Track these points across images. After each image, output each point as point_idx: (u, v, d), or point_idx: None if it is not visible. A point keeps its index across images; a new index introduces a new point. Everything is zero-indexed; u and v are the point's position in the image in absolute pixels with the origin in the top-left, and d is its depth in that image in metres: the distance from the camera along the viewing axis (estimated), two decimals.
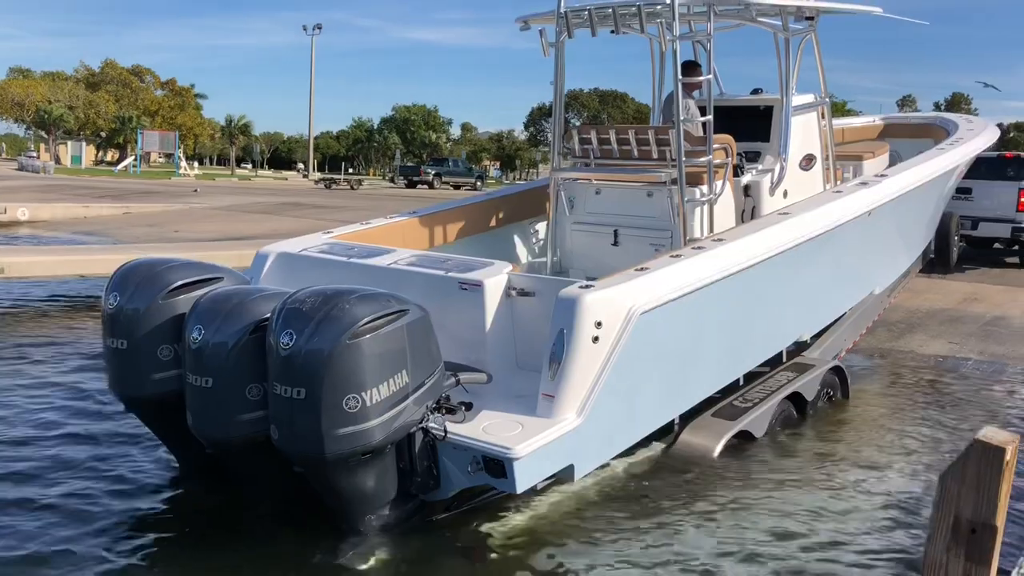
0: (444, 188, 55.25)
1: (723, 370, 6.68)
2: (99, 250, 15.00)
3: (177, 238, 20.14)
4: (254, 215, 26.73)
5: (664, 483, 6.06)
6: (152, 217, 25.91)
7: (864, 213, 7.79)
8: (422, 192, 49.07)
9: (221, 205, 29.85)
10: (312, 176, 68.90)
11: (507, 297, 5.91)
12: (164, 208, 28.25)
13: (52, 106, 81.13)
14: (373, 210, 26.66)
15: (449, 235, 8.15)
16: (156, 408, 5.52)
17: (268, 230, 21.63)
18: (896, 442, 7.30)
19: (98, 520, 5.28)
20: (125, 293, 5.41)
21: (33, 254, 14.17)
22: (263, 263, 6.78)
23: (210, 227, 23.05)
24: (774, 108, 8.37)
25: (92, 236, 21.12)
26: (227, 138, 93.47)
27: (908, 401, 8.59)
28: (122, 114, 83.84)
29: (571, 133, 8.13)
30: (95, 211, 26.69)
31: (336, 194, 42.07)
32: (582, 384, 5.23)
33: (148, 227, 23.18)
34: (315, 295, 4.71)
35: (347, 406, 4.55)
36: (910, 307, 12.40)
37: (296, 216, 26.13)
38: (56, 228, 23.36)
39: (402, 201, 33.60)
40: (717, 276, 6.10)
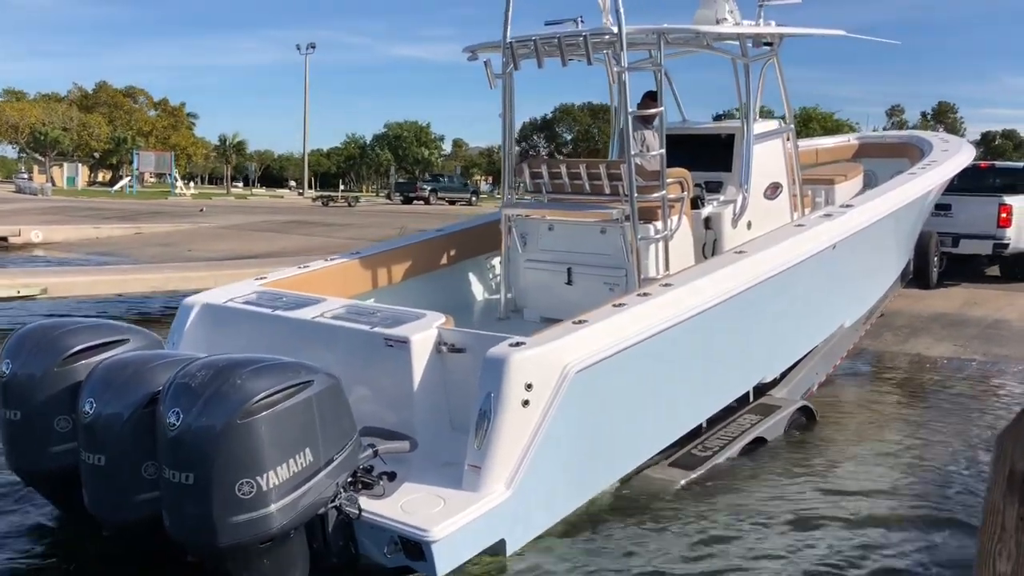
0: (440, 204, 55.20)
1: (675, 423, 6.27)
2: (133, 270, 15.50)
3: (193, 256, 20.15)
4: (264, 233, 26.60)
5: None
6: (163, 237, 25.92)
7: (827, 247, 7.40)
8: (418, 208, 48.95)
9: (229, 224, 29.79)
10: (308, 194, 68.64)
11: (438, 353, 5.52)
12: (174, 228, 28.25)
13: (47, 128, 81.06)
14: (378, 226, 27.19)
15: (395, 276, 7.76)
16: (56, 484, 5.11)
17: (280, 248, 21.72)
18: (917, 432, 7.71)
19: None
20: (19, 359, 5.02)
21: (72, 274, 14.34)
22: (187, 315, 6.40)
23: (223, 246, 23.03)
24: (735, 136, 8.00)
25: (108, 256, 21.18)
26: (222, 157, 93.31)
27: (921, 399, 8.98)
28: (116, 135, 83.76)
29: (522, 167, 7.76)
30: (107, 232, 26.80)
31: (335, 211, 41.86)
32: (511, 453, 4.84)
33: (162, 247, 23.20)
34: (206, 368, 4.31)
35: (240, 492, 4.14)
36: (912, 312, 12.62)
37: (305, 234, 26.04)
38: (70, 249, 23.39)
39: (400, 217, 33.63)
40: (664, 325, 5.70)
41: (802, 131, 62.70)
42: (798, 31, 8.17)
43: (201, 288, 7.66)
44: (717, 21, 7.92)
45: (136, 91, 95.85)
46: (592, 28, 7.06)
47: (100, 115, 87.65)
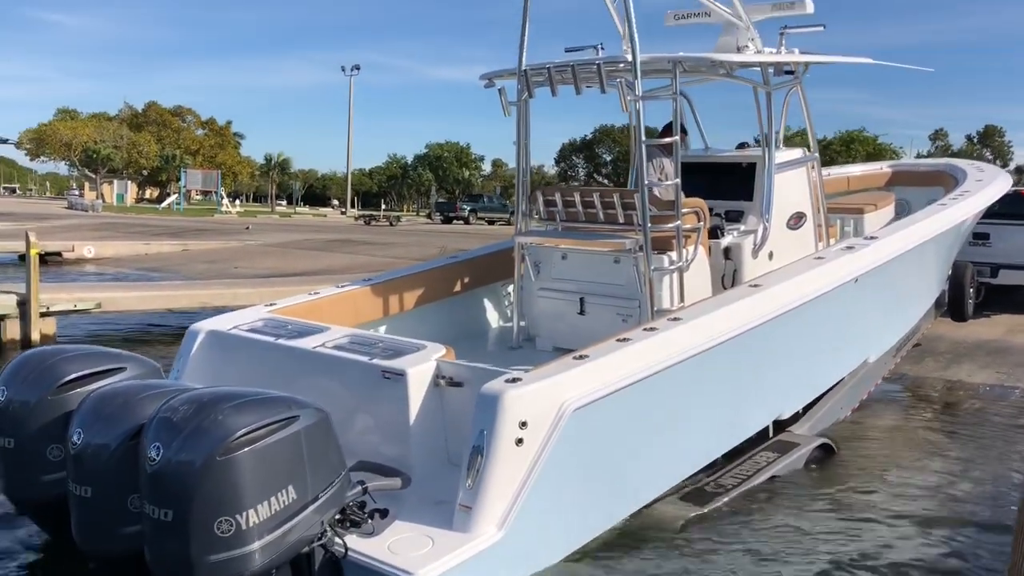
0: (479, 224, 55.33)
1: (682, 463, 6.07)
2: (183, 286, 15.84)
3: (240, 273, 20.45)
4: (308, 252, 26.86)
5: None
6: (210, 254, 26.36)
7: (849, 280, 7.17)
8: (458, 228, 49.12)
9: (274, 242, 30.18)
10: (350, 213, 69.22)
11: (436, 387, 5.40)
12: (221, 245, 28.76)
13: (99, 146, 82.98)
14: (419, 245, 27.47)
15: (407, 303, 7.67)
16: (47, 513, 5.08)
17: (324, 266, 21.99)
18: (956, 462, 7.64)
19: None
20: (14, 386, 5.02)
21: (125, 290, 14.85)
22: (193, 341, 6.37)
23: (269, 263, 23.34)
24: (757, 165, 7.80)
25: (156, 272, 21.67)
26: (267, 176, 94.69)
27: (961, 426, 8.87)
28: (165, 153, 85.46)
29: (536, 195, 7.64)
30: (156, 248, 27.45)
31: (377, 230, 42.15)
32: (504, 493, 4.69)
33: (209, 263, 23.61)
34: (189, 402, 4.24)
35: (219, 530, 4.05)
36: (955, 338, 12.44)
37: (349, 252, 26.31)
38: (121, 264, 23.99)
39: (441, 236, 33.82)
40: (670, 362, 5.53)
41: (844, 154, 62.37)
42: (822, 59, 7.97)
43: (248, 304, 7.68)
44: (738, 48, 7.77)
45: (184, 110, 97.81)
46: (606, 56, 6.95)
47: (149, 134, 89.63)
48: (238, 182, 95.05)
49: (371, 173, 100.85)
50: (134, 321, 13.92)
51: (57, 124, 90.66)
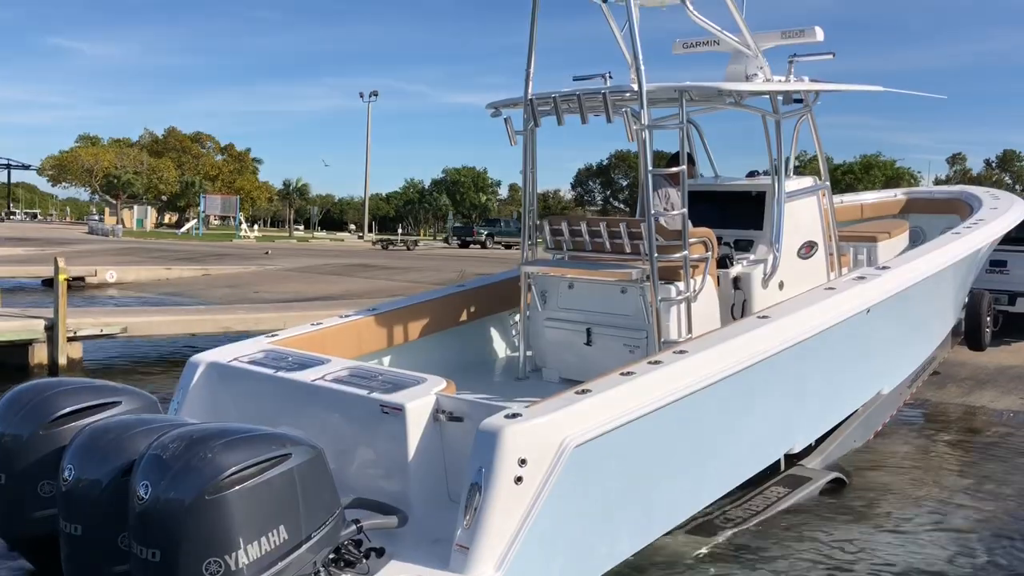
0: (496, 248, 55.43)
1: (689, 500, 5.91)
2: (207, 310, 16.26)
3: (260, 298, 20.60)
4: (327, 276, 27.06)
5: None
6: (231, 278, 26.59)
7: (861, 311, 7.02)
8: (475, 252, 49.31)
9: (294, 267, 30.45)
10: (368, 237, 69.47)
11: (435, 421, 5.29)
12: (241, 270, 29.03)
13: (120, 171, 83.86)
14: (437, 270, 27.58)
15: (412, 333, 7.57)
16: (39, 549, 5.00)
17: (344, 290, 22.15)
18: (979, 489, 7.62)
19: None
20: (7, 420, 4.97)
21: (150, 314, 15.10)
22: (193, 373, 6.28)
23: (289, 287, 23.53)
24: (767, 193, 7.70)
25: (177, 296, 21.91)
26: (285, 200, 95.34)
27: (985, 452, 8.86)
28: (185, 179, 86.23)
29: (542, 224, 7.56)
30: (176, 273, 27.84)
31: (395, 255, 42.41)
32: (502, 533, 4.56)
33: (230, 288, 23.83)
34: (180, 439, 4.15)
35: (208, 571, 3.95)
36: (977, 364, 12.34)
37: (368, 277, 26.48)
38: (143, 289, 24.27)
39: (458, 261, 34.16)
40: (675, 396, 5.39)
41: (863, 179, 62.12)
42: (832, 87, 7.87)
43: (271, 329, 7.62)
44: (747, 77, 7.69)
45: (204, 136, 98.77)
46: (613, 86, 6.88)
47: (169, 159, 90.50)
48: (256, 207, 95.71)
49: (388, 198, 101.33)
50: (161, 346, 14.17)
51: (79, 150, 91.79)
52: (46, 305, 14.17)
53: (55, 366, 12.49)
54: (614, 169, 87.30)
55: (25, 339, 12.61)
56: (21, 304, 15.74)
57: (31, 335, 12.64)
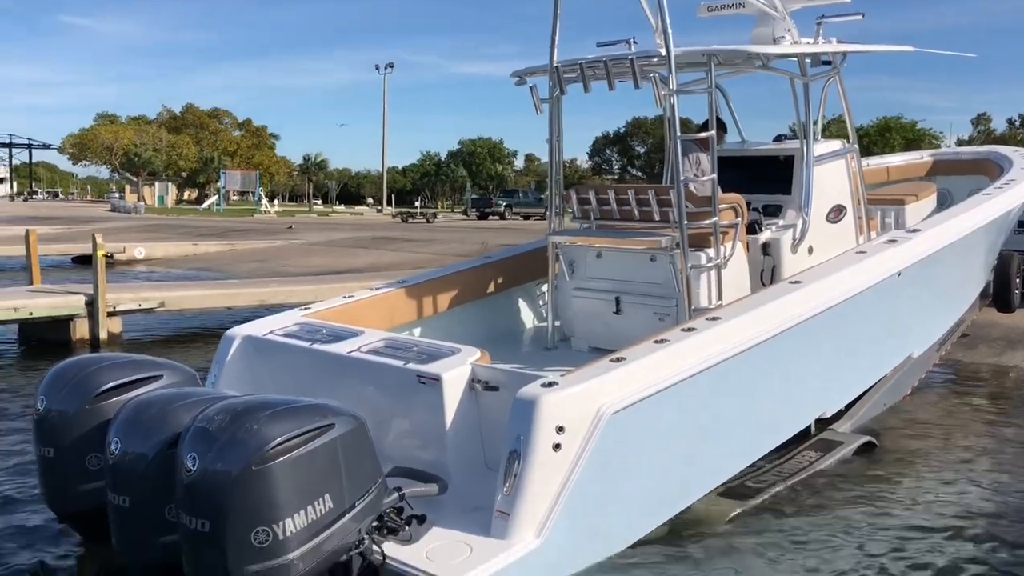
0: (514, 219, 55.38)
1: (723, 465, 5.95)
2: (241, 284, 16.63)
3: (288, 272, 20.78)
4: (351, 249, 27.26)
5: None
6: (257, 253, 26.84)
7: (892, 275, 6.99)
8: (494, 223, 49.33)
9: (317, 241, 30.65)
10: (387, 210, 69.52)
11: (471, 391, 5.35)
12: (266, 244, 29.26)
13: (140, 149, 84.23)
14: (459, 242, 27.82)
15: (441, 305, 7.62)
16: (88, 522, 5.10)
17: (370, 263, 22.31)
18: (1006, 450, 7.61)
19: None
20: (53, 396, 5.05)
21: (186, 289, 15.39)
22: (228, 347, 6.36)
23: (315, 261, 23.67)
24: (795, 157, 7.65)
25: (206, 272, 22.11)
26: (303, 175, 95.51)
27: (1015, 415, 8.78)
28: (204, 155, 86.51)
29: (569, 193, 7.55)
30: (203, 248, 28.19)
31: (415, 227, 42.50)
32: (541, 499, 4.63)
33: (257, 262, 24.05)
34: (224, 411, 4.22)
35: (256, 540, 4.03)
36: (1009, 324, 12.22)
37: (392, 250, 26.65)
38: (171, 265, 24.58)
39: (478, 232, 34.26)
40: (709, 363, 5.42)
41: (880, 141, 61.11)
42: (861, 48, 7.78)
43: (305, 301, 7.68)
44: (774, 39, 7.61)
45: (221, 112, 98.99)
46: (640, 51, 6.84)
47: (187, 136, 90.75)
48: (275, 182, 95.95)
49: (405, 171, 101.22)
50: (198, 319, 14.34)
51: (98, 128, 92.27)
52: (82, 282, 14.39)
53: (96, 341, 12.75)
54: (631, 136, 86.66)
55: (67, 315, 12.83)
56: (59, 281, 15.97)
57: (72, 311, 12.86)
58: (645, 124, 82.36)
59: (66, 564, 5.09)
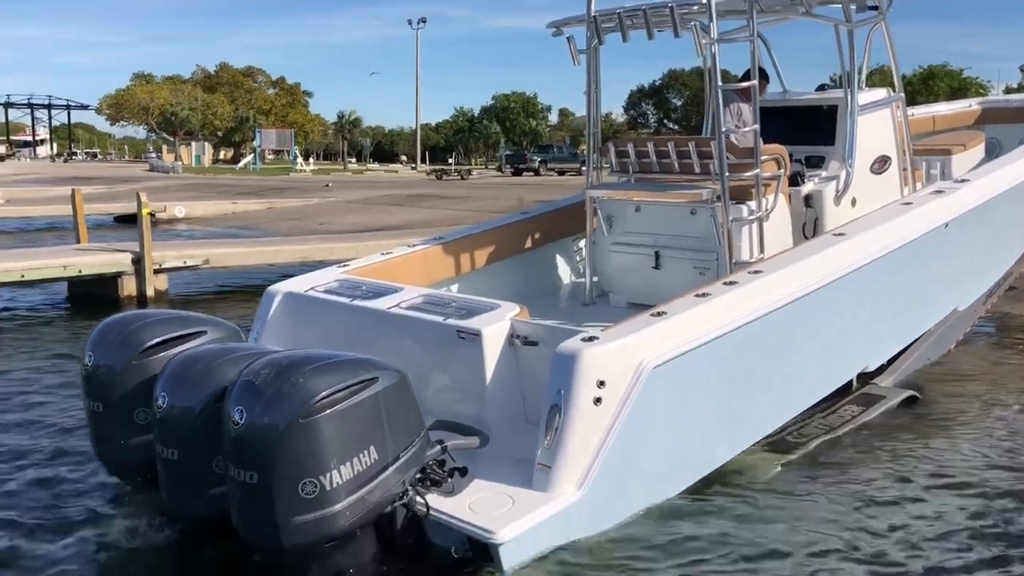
0: (549, 174, 55.06)
1: (764, 419, 5.92)
2: (282, 242, 16.81)
3: (326, 229, 20.90)
4: (388, 207, 27.34)
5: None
6: (295, 211, 26.99)
7: (939, 227, 6.85)
8: (529, 179, 49.16)
9: (354, 198, 30.78)
10: (421, 168, 69.47)
11: (511, 346, 5.36)
12: (303, 203, 29.41)
13: (176, 108, 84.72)
14: (495, 198, 27.77)
15: (479, 261, 7.61)
16: (138, 474, 5.22)
17: (406, 220, 22.29)
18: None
19: None
20: (100, 351, 5.13)
21: (229, 246, 15.74)
22: (270, 303, 6.44)
23: (352, 219, 23.77)
24: (839, 107, 7.48)
25: (246, 230, 22.27)
26: (337, 133, 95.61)
27: None
28: (239, 114, 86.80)
29: (607, 147, 7.46)
30: (242, 207, 28.39)
31: (450, 184, 42.43)
32: (583, 452, 4.65)
33: (294, 220, 24.18)
34: (270, 365, 4.27)
35: (303, 492, 4.10)
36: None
37: (428, 207, 26.64)
38: (211, 223, 24.77)
39: (513, 188, 34.03)
40: (751, 316, 5.37)
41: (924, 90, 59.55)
42: None
43: (346, 258, 7.72)
44: None
45: (255, 71, 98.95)
46: None
47: (222, 95, 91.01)
48: (309, 140, 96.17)
49: (437, 127, 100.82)
50: (242, 276, 14.53)
51: (134, 89, 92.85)
52: (127, 240, 14.67)
53: (143, 297, 13.03)
54: (667, 89, 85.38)
55: (114, 272, 13.11)
56: (103, 240, 16.24)
57: (120, 268, 13.14)
58: (682, 76, 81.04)
59: (116, 516, 5.19)
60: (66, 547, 4.85)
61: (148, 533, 4.92)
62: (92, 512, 5.27)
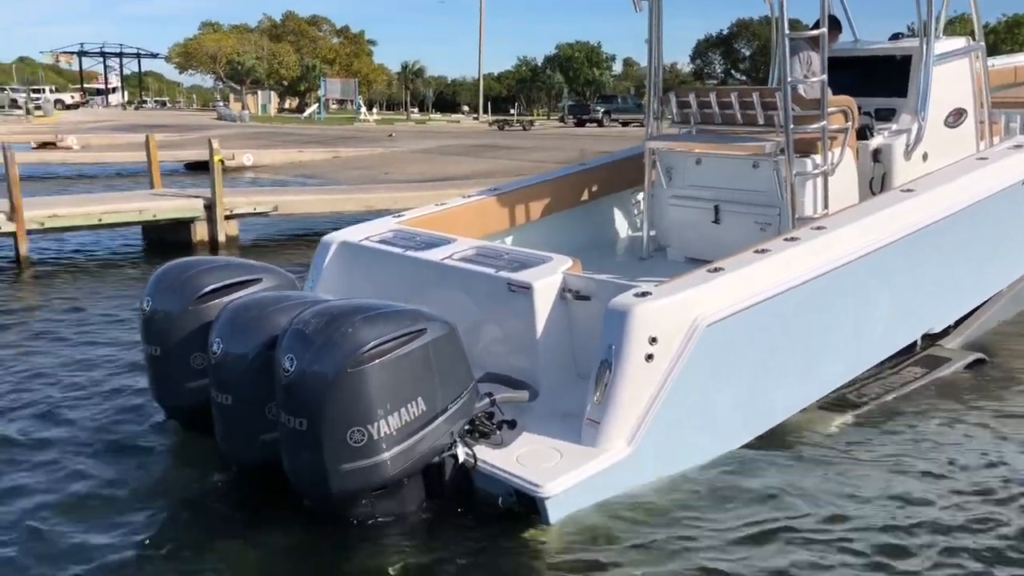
0: (613, 126, 54.28)
1: (822, 380, 5.78)
2: (349, 190, 17.10)
3: (390, 179, 21.14)
4: (451, 157, 27.38)
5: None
6: (360, 160, 27.21)
7: (1015, 183, 6.55)
8: (592, 130, 48.55)
9: (418, 148, 30.85)
10: (483, 118, 69.12)
11: (562, 300, 5.29)
12: (368, 152, 29.59)
13: (243, 57, 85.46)
14: (558, 149, 27.64)
15: (534, 213, 7.53)
16: (195, 418, 5.32)
17: (470, 171, 22.28)
18: None
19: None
20: (158, 297, 5.23)
21: (298, 194, 16.37)
22: (325, 253, 6.47)
23: (416, 168, 23.87)
24: (912, 57, 7.15)
25: (313, 179, 22.62)
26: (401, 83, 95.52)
27: None
28: (304, 63, 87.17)
29: (668, 96, 7.27)
30: (308, 156, 28.73)
31: (513, 135, 42.16)
32: (633, 409, 4.59)
33: (360, 170, 24.41)
34: (320, 315, 4.29)
35: (352, 440, 4.14)
36: None
37: (491, 157, 26.65)
38: (278, 172, 25.14)
39: (576, 139, 33.67)
40: (812, 274, 5.22)
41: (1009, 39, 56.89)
42: None
43: (409, 208, 7.73)
44: None
45: (320, 19, 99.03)
46: None
47: (288, 44, 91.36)
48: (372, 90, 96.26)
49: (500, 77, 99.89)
50: (308, 223, 14.78)
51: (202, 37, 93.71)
52: (198, 186, 15.02)
53: (215, 243, 13.40)
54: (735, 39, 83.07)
55: (188, 217, 13.49)
56: (175, 186, 16.63)
57: (193, 213, 13.51)
58: (751, 25, 78.67)
59: (171, 460, 5.32)
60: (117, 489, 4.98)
61: (202, 477, 5.02)
62: (147, 453, 5.41)
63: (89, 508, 4.78)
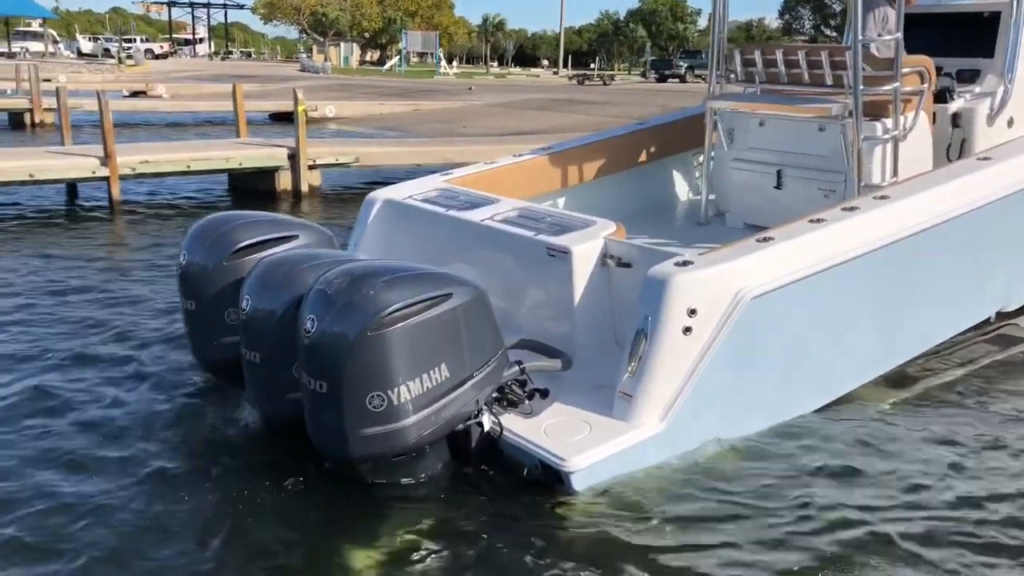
0: (696, 82, 52.86)
1: (878, 358, 5.44)
2: (427, 143, 17.30)
3: (469, 132, 21.30)
4: (529, 111, 27.20)
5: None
6: (439, 114, 27.35)
7: None
8: (674, 86, 47.44)
9: (497, 102, 30.76)
10: (563, 73, 68.20)
11: (603, 266, 5.08)
12: (447, 105, 29.67)
13: (327, 8, 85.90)
14: (639, 104, 27.27)
15: (587, 174, 7.28)
16: (229, 372, 5.30)
17: (547, 125, 22.16)
18: None
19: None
20: (194, 251, 5.19)
21: (378, 146, 16.69)
22: (370, 210, 6.36)
23: (495, 123, 23.86)
24: (1003, 14, 6.64)
25: (393, 131, 22.79)
26: (482, 36, 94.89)
27: None
28: (387, 15, 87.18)
29: (732, 53, 6.90)
30: (388, 108, 28.95)
31: (592, 90, 41.47)
32: (667, 383, 4.39)
33: (439, 123, 24.51)
34: (344, 275, 4.18)
35: (371, 404, 4.04)
36: None
37: (569, 112, 26.45)
38: (359, 123, 25.44)
39: (657, 95, 32.97)
40: (870, 247, 4.89)
41: None
42: None
43: (484, 161, 7.59)
44: None
45: None
46: None
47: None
48: (453, 43, 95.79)
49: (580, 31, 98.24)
50: (387, 174, 14.72)
51: None
52: (282, 136, 15.24)
53: (299, 192, 13.65)
54: None
55: (272, 166, 13.75)
56: (260, 136, 16.85)
57: (277, 163, 13.75)
58: None
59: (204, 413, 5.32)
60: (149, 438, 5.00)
61: (232, 432, 5.01)
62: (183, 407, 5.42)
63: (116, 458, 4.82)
